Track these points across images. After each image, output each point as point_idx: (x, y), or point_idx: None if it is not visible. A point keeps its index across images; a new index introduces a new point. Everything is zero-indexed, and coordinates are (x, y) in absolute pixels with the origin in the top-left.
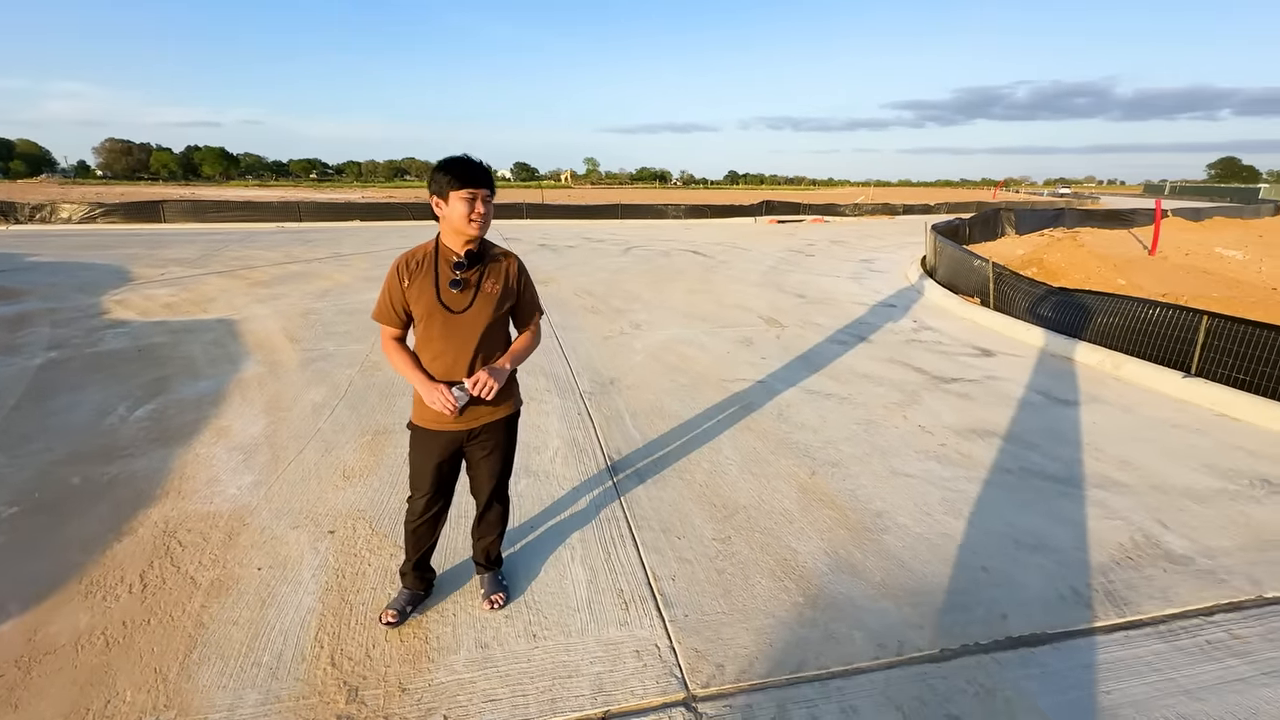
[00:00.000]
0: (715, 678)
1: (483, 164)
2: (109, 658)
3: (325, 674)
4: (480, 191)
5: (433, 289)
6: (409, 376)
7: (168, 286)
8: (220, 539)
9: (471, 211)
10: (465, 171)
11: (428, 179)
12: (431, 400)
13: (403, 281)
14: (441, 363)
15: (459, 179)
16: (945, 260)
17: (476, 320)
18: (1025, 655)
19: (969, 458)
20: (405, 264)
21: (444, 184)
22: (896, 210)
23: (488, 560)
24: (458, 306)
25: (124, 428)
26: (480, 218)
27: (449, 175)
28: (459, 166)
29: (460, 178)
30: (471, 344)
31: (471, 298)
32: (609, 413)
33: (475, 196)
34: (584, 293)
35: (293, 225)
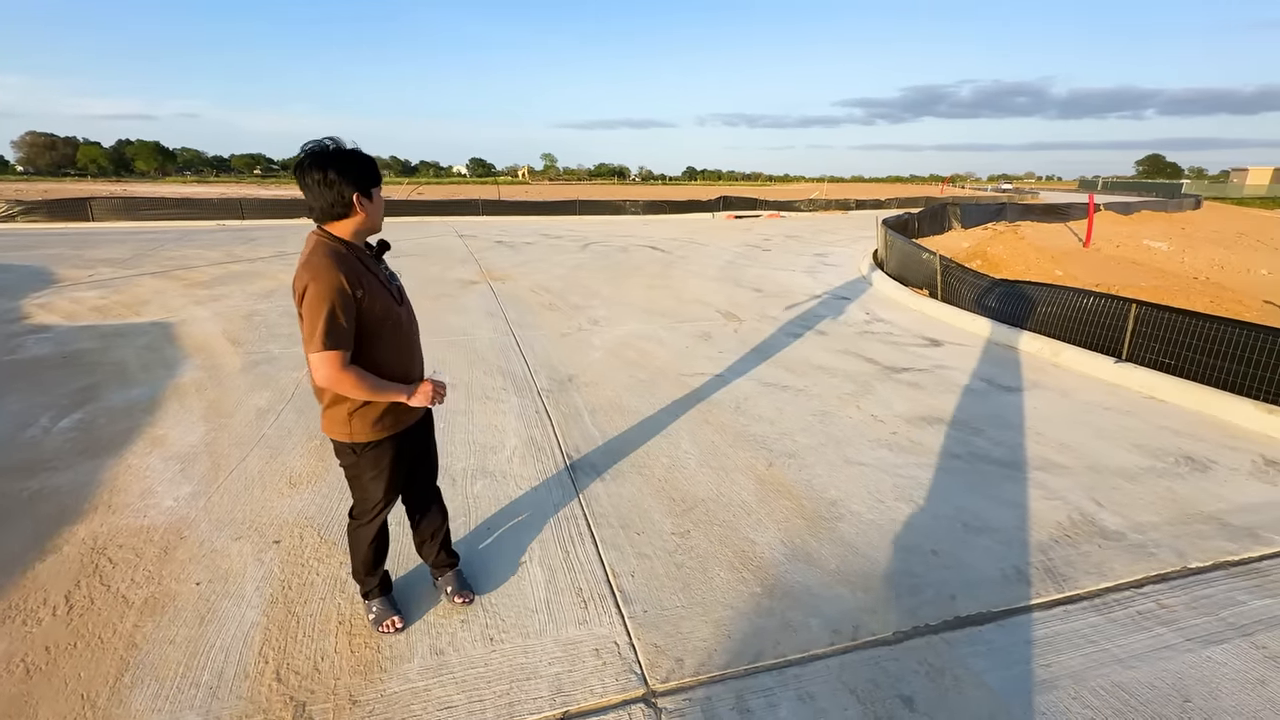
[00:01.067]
0: (674, 672)
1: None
2: (29, 686)
3: (270, 690)
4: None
5: (383, 288)
6: (389, 394)
7: (96, 288)
8: (155, 554)
9: (382, 206)
10: (374, 168)
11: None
12: (429, 397)
13: (356, 294)
14: (409, 355)
15: (377, 174)
16: (895, 254)
17: (409, 305)
18: (972, 634)
19: (919, 445)
20: (349, 276)
21: (371, 179)
22: (849, 206)
23: (450, 555)
24: (400, 299)
25: (47, 439)
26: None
27: (371, 169)
28: (372, 160)
29: (377, 173)
30: (415, 324)
31: (399, 285)
32: (567, 410)
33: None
34: (541, 289)
35: (235, 223)
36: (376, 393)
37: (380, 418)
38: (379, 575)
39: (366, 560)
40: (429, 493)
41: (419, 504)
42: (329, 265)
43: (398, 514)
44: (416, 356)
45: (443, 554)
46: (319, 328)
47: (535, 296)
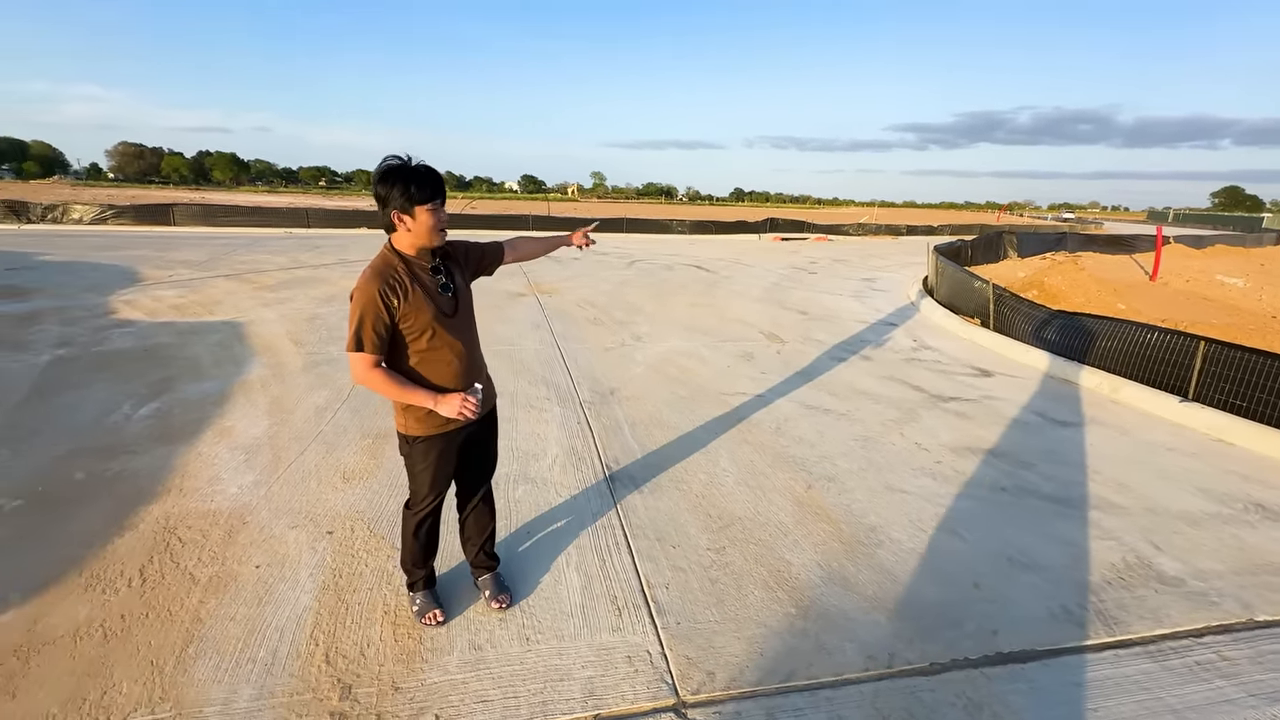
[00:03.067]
0: (705, 685)
1: (435, 171)
2: (107, 650)
3: (319, 671)
4: (438, 203)
5: (428, 301)
6: (414, 397)
7: (175, 288)
8: (220, 537)
9: (438, 223)
10: (429, 183)
11: (383, 191)
12: (456, 409)
13: (392, 303)
14: (458, 364)
15: (425, 191)
16: (946, 281)
17: (466, 314)
18: (1014, 671)
19: (964, 475)
20: (389, 286)
21: (409, 198)
22: (900, 231)
23: (490, 558)
24: (451, 310)
25: (128, 425)
26: (445, 226)
27: (412, 187)
28: (423, 177)
29: (427, 190)
30: (470, 335)
31: (456, 297)
32: (608, 422)
33: (438, 208)
34: (587, 304)
35: (301, 231)
36: (402, 395)
37: (430, 413)
38: (426, 569)
39: (414, 552)
40: (480, 493)
41: (467, 502)
42: (371, 276)
43: (450, 514)
44: (465, 365)
45: (482, 555)
46: (351, 330)
47: (580, 311)
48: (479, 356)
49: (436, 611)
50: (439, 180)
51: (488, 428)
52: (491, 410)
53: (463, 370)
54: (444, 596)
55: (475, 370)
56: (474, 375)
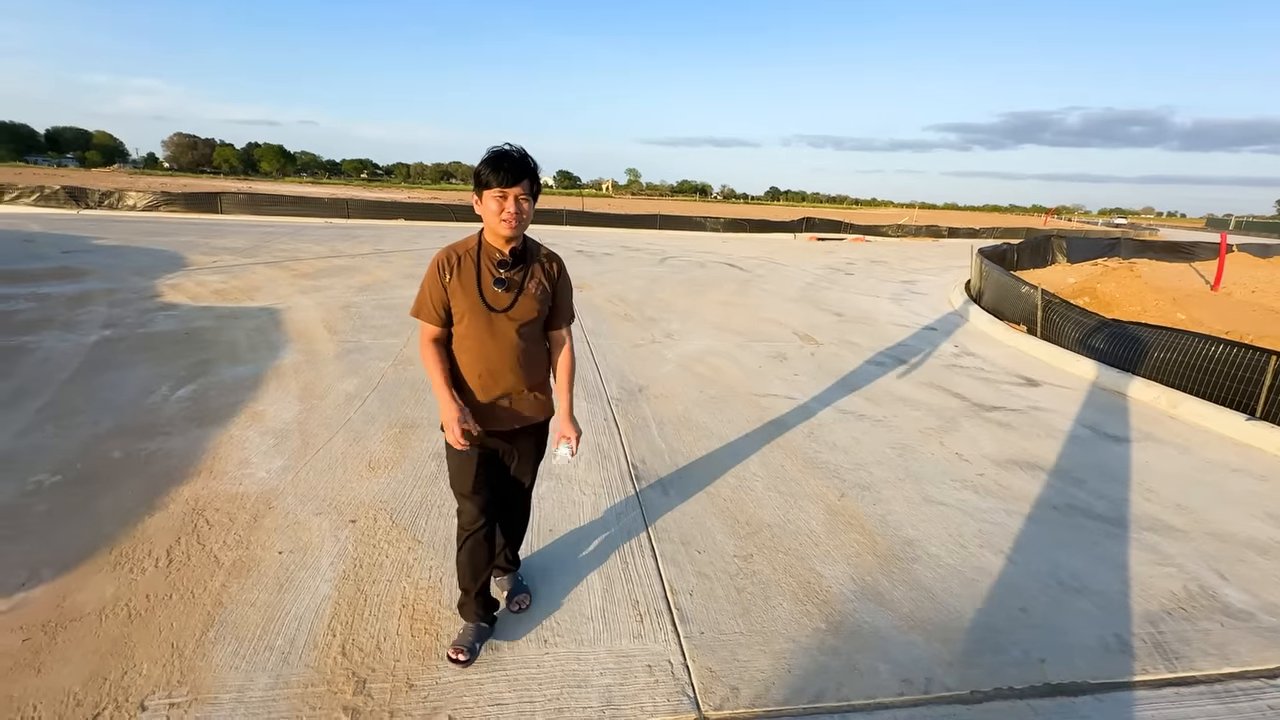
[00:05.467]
0: (729, 701)
1: (520, 157)
2: (130, 629)
3: (335, 663)
4: (512, 190)
5: (475, 285)
6: (435, 388)
7: (218, 274)
8: (246, 520)
9: (501, 211)
10: (496, 168)
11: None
12: (446, 420)
13: (444, 276)
14: (483, 364)
15: (490, 176)
16: (991, 285)
17: (517, 319)
18: (1064, 705)
19: (1008, 490)
20: (447, 259)
21: (479, 181)
22: (941, 233)
23: (511, 562)
24: (500, 305)
25: (166, 406)
26: (512, 217)
27: (483, 171)
28: (492, 162)
29: (491, 175)
30: (511, 344)
31: (514, 297)
32: (635, 420)
33: (506, 195)
34: (618, 300)
35: (340, 221)
36: (432, 380)
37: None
38: (475, 590)
39: (460, 565)
40: (514, 499)
41: (501, 505)
42: (445, 248)
43: None
44: (487, 366)
45: (504, 558)
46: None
47: (611, 306)
48: (512, 370)
49: (462, 650)
50: (511, 167)
51: (522, 445)
52: (528, 428)
53: (483, 371)
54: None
55: (498, 379)
56: (495, 383)
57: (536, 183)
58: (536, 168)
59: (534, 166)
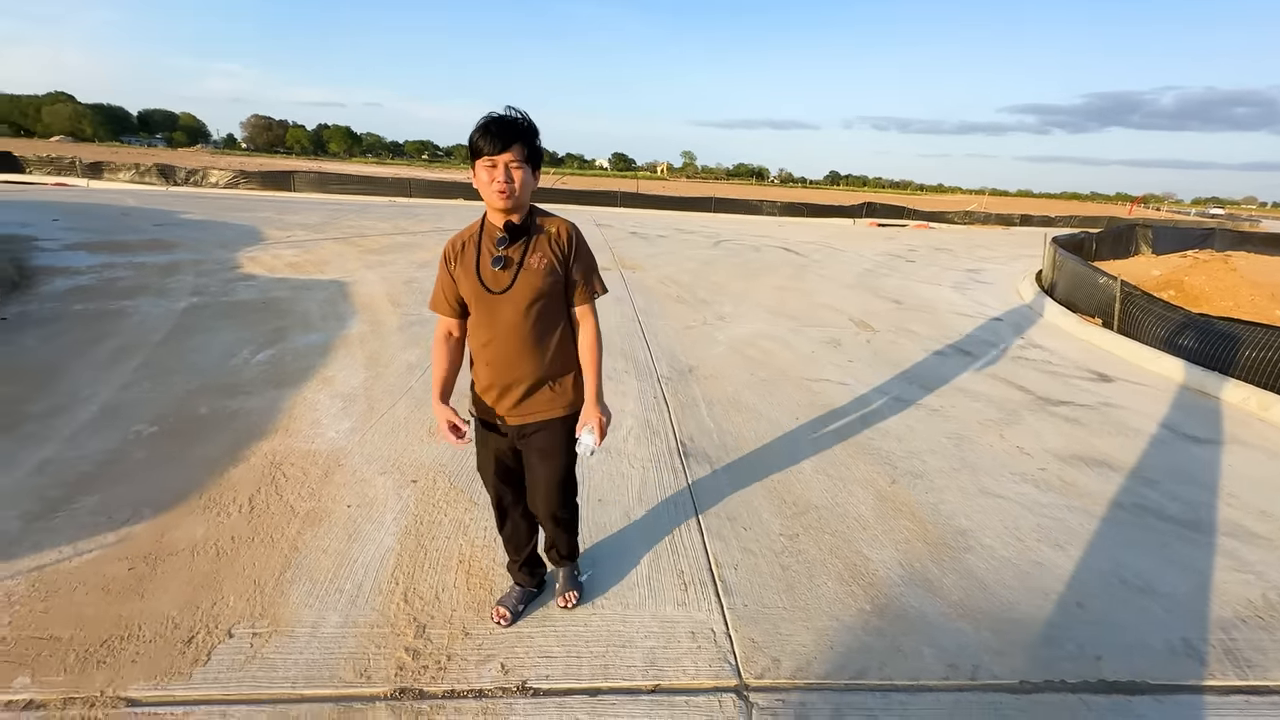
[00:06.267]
0: (770, 671)
1: (511, 120)
2: (218, 566)
3: (398, 609)
4: (501, 157)
5: (474, 268)
6: (434, 379)
7: (292, 248)
8: (318, 475)
9: (492, 181)
10: (484, 133)
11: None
12: (436, 417)
13: (450, 265)
14: (491, 351)
15: (480, 142)
16: (1065, 275)
17: (518, 300)
18: (1119, 703)
19: (1072, 486)
20: (452, 246)
21: (471, 149)
22: (1012, 221)
23: (559, 555)
24: (498, 286)
25: (246, 369)
26: (505, 187)
27: (473, 138)
28: (481, 127)
29: (481, 140)
30: (515, 328)
31: (514, 276)
32: (685, 400)
33: (496, 163)
34: (670, 281)
35: (403, 200)
36: (432, 379)
37: (472, 394)
38: (517, 561)
39: (503, 537)
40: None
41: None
42: (454, 235)
43: None
44: (494, 353)
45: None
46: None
47: (663, 288)
48: (521, 357)
49: (504, 611)
50: (500, 132)
51: (542, 442)
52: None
53: (492, 359)
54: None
55: (510, 367)
56: (505, 371)
57: (533, 148)
58: (533, 131)
59: (528, 129)
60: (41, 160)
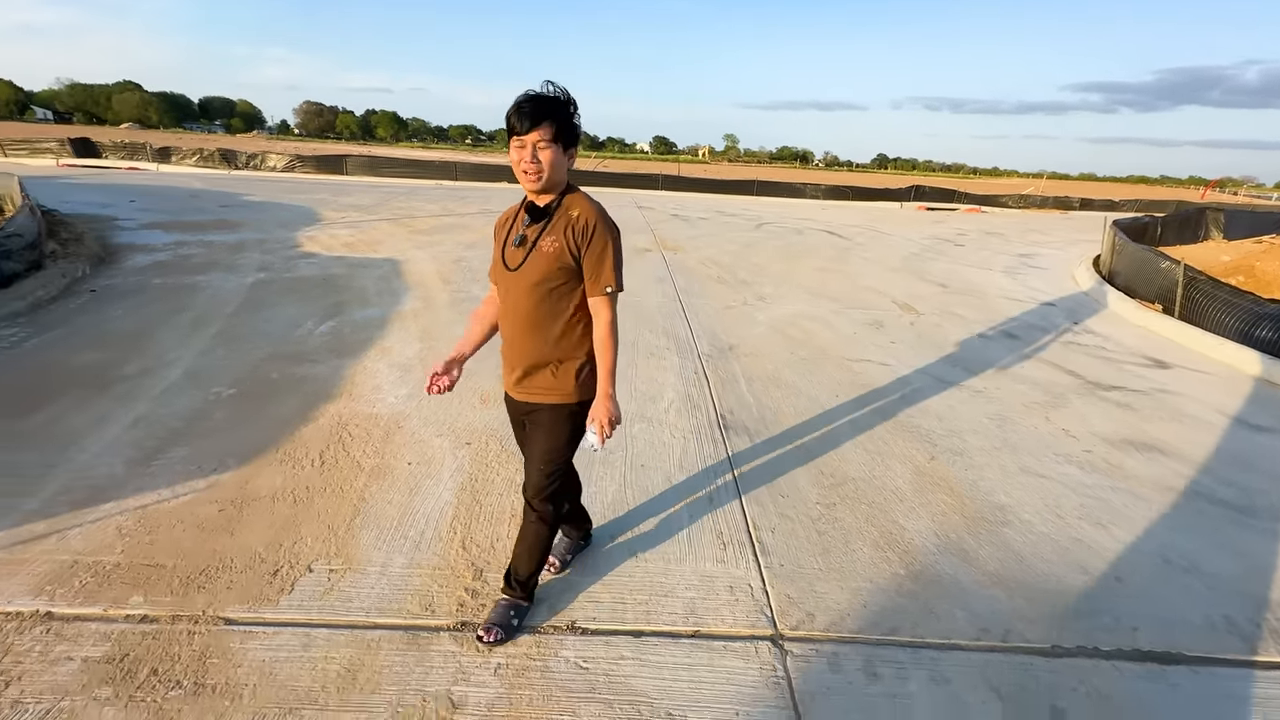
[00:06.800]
0: (804, 623)
1: (542, 98)
2: (296, 511)
3: (458, 554)
4: (529, 137)
5: (502, 242)
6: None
7: (347, 228)
8: (380, 435)
9: (520, 161)
10: (514, 113)
11: None
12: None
13: (496, 236)
14: (504, 325)
15: (511, 120)
16: (1124, 260)
17: (525, 279)
18: (1153, 670)
19: (1119, 469)
20: (502, 218)
21: (506, 127)
22: (1071, 205)
23: (507, 579)
24: (513, 264)
25: (310, 339)
26: (530, 168)
27: (508, 117)
28: (511, 107)
29: (512, 119)
30: (519, 306)
31: (525, 255)
32: (725, 375)
33: (524, 144)
34: (711, 263)
35: (449, 183)
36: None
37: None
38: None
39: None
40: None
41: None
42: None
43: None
44: (506, 327)
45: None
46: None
47: (704, 269)
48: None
49: (554, 560)
50: (530, 111)
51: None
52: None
53: (504, 332)
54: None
55: (513, 344)
56: (510, 346)
57: (565, 127)
58: (565, 108)
59: (560, 107)
60: (116, 145)
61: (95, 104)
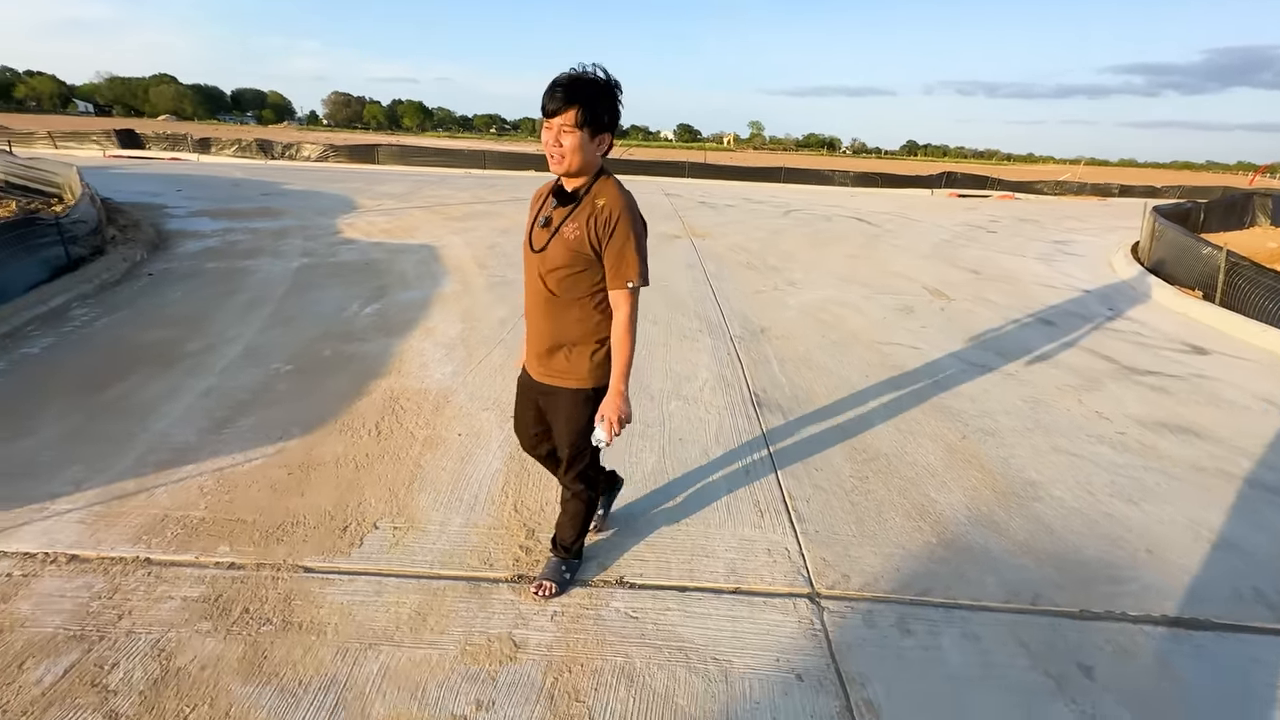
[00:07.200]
0: (840, 584)
1: (572, 81)
2: (358, 475)
3: (510, 515)
4: (555, 121)
5: (531, 221)
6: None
7: (383, 215)
8: (431, 408)
9: (546, 144)
10: (546, 94)
11: None
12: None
13: (530, 211)
14: (526, 302)
15: (543, 103)
16: (1164, 246)
17: (547, 263)
18: (1180, 634)
19: (1152, 450)
20: (537, 194)
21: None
22: (1110, 191)
23: (555, 543)
24: (537, 245)
25: (358, 319)
26: (554, 151)
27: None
28: (545, 90)
29: (543, 101)
30: (538, 289)
31: (549, 238)
32: (757, 356)
33: (550, 126)
34: (740, 249)
35: (478, 171)
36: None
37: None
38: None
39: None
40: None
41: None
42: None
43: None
44: (534, 304)
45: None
46: None
47: (734, 255)
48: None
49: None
50: (560, 94)
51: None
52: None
53: (527, 310)
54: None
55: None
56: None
57: (595, 112)
58: (596, 92)
59: (591, 91)
60: (158, 137)
61: (133, 97)
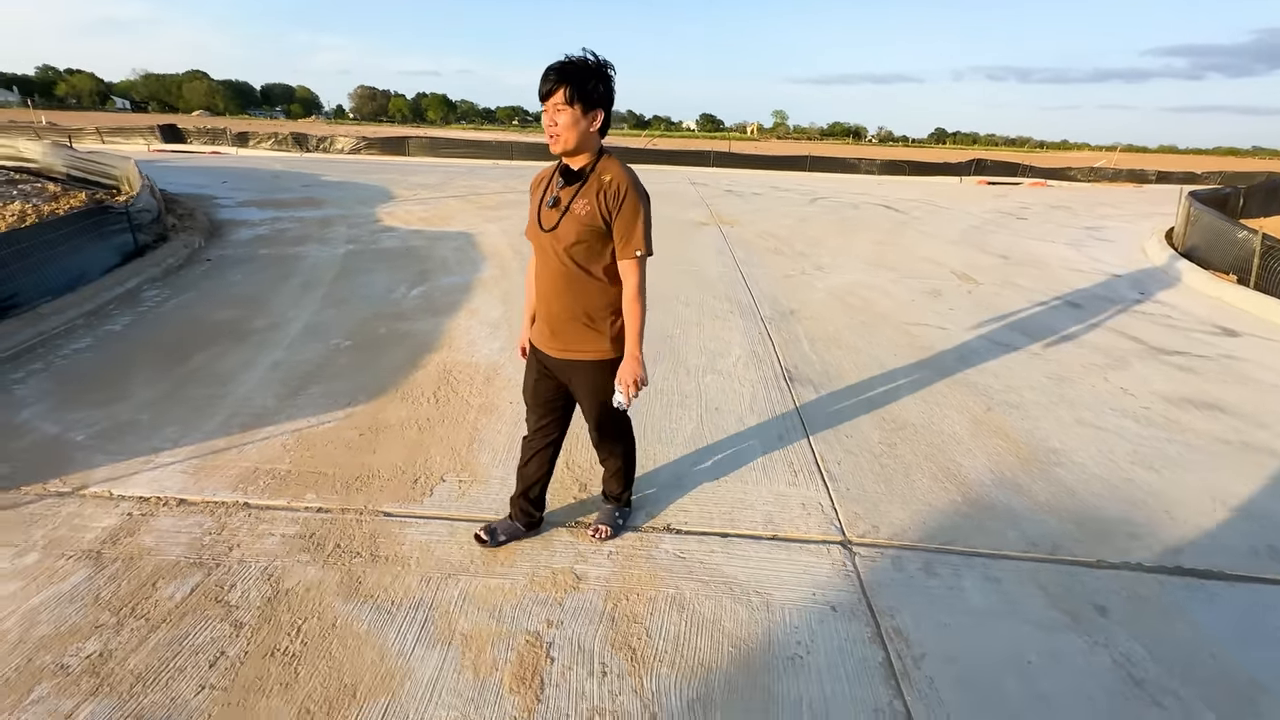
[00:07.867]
0: (869, 534)
1: (559, 64)
2: (422, 436)
3: (562, 471)
4: (548, 102)
5: (538, 203)
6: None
7: (419, 205)
8: (482, 379)
9: (546, 125)
10: (539, 84)
11: None
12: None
13: (531, 196)
14: (539, 283)
15: (538, 92)
16: (1199, 231)
17: (559, 240)
18: (1193, 584)
19: (1176, 423)
20: (536, 179)
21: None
22: (1146, 178)
23: (605, 495)
24: (548, 224)
25: (406, 301)
26: (550, 130)
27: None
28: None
29: (539, 85)
30: (554, 266)
31: (559, 216)
32: (787, 336)
33: (545, 108)
34: (768, 235)
35: (505, 162)
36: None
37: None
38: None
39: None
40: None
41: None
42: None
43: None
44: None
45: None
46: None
47: (761, 241)
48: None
49: (484, 530)
50: (553, 75)
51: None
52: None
53: (538, 290)
54: (647, 441)
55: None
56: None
57: (582, 90)
58: (582, 72)
59: (576, 71)
60: (199, 131)
61: (167, 93)
